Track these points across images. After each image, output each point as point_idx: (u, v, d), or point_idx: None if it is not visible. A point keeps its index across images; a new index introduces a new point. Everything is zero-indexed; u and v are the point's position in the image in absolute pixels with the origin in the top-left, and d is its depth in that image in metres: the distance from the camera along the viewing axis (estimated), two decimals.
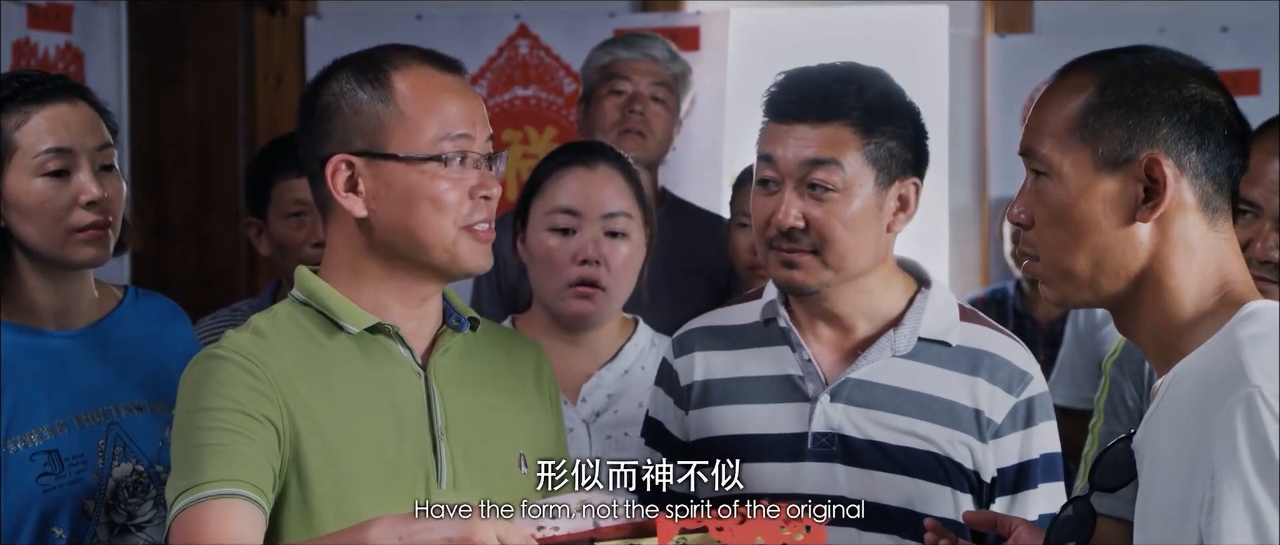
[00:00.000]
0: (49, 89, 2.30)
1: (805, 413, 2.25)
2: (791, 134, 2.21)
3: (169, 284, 3.49)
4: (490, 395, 2.09)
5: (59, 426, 2.30)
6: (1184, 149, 1.75)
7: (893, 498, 2.19)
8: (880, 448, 2.22)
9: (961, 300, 2.38)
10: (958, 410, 2.23)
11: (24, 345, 2.30)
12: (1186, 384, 1.70)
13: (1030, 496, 2.24)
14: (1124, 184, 1.75)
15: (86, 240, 2.30)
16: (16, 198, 2.28)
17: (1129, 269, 1.76)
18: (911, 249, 2.37)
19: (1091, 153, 1.76)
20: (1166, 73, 1.78)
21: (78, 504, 2.30)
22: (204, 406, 1.93)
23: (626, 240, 2.66)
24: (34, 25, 3.96)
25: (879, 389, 2.23)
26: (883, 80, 2.25)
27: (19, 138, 2.27)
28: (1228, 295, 1.75)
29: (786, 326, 2.28)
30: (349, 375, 1.99)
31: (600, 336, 2.69)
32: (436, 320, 2.07)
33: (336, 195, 1.99)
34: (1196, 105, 1.76)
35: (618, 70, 3.66)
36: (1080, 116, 1.78)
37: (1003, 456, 2.24)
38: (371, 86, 1.99)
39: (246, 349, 1.97)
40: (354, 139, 1.99)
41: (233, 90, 4.56)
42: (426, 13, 4.68)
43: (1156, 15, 4.60)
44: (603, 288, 2.63)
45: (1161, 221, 1.74)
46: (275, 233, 3.16)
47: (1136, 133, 1.75)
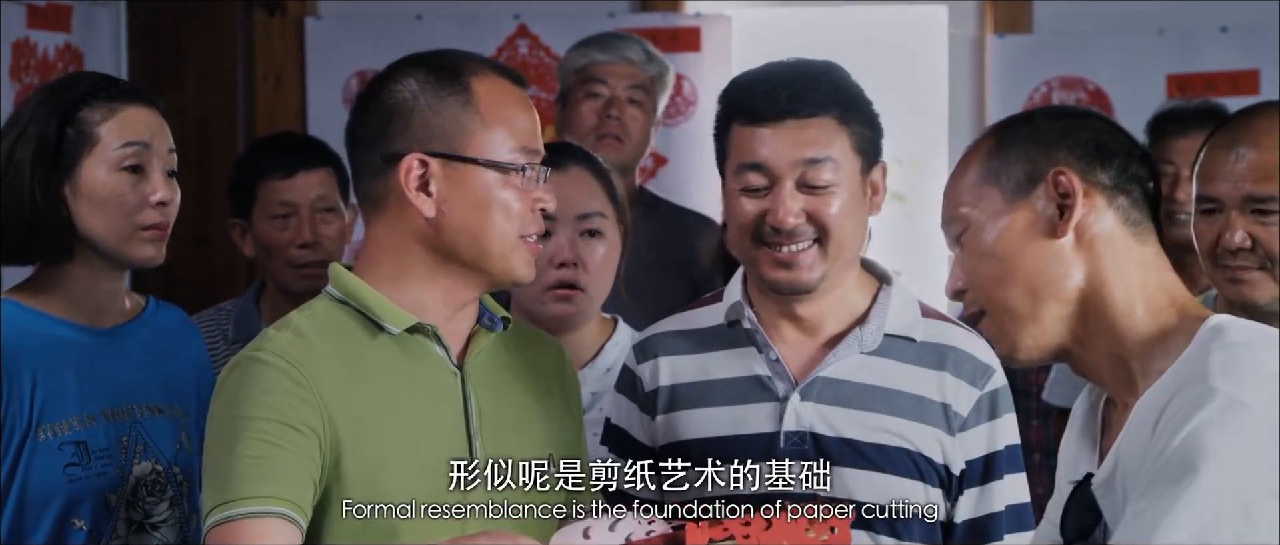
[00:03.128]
0: (130, 90, 2.41)
1: (776, 412, 2.26)
2: (780, 134, 2.22)
3: (169, 284, 3.49)
4: (520, 396, 2.11)
5: (88, 419, 2.35)
6: (1088, 167, 1.80)
7: (866, 494, 2.20)
8: (853, 445, 2.23)
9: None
10: (926, 405, 2.25)
11: (60, 337, 2.36)
12: (1152, 404, 1.69)
13: (996, 488, 2.27)
14: (1037, 205, 1.79)
15: (149, 238, 2.37)
16: (91, 188, 2.34)
17: (1066, 290, 1.78)
18: (910, 248, 2.38)
19: (1000, 191, 1.82)
20: (1057, 112, 1.89)
21: (101, 498, 2.35)
22: (244, 414, 1.92)
23: (602, 239, 2.67)
24: (33, 25, 3.96)
25: (849, 386, 2.25)
26: (843, 71, 2.29)
27: (101, 131, 2.35)
28: (1184, 311, 1.77)
29: (752, 327, 2.29)
30: (389, 376, 1.99)
31: (581, 337, 2.70)
32: (471, 321, 2.09)
33: (408, 193, 1.99)
34: (1090, 130, 1.82)
35: (594, 73, 3.66)
36: (982, 166, 1.84)
37: (970, 449, 2.26)
38: (451, 90, 2.00)
39: (288, 352, 1.95)
40: (431, 139, 1.99)
41: (232, 90, 4.56)
42: (426, 13, 4.68)
43: (1155, 15, 4.60)
44: (581, 288, 2.64)
45: (1084, 236, 1.78)
46: (260, 234, 3.17)
47: (1037, 159, 1.81)
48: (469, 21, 4.68)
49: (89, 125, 2.34)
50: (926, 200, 4.84)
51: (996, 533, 2.26)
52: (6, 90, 3.82)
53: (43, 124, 2.33)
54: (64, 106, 2.34)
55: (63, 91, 2.38)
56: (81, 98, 2.35)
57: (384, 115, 2.02)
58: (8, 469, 2.30)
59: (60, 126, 2.33)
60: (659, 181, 4.55)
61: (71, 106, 2.34)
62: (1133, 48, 4.57)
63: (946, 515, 2.27)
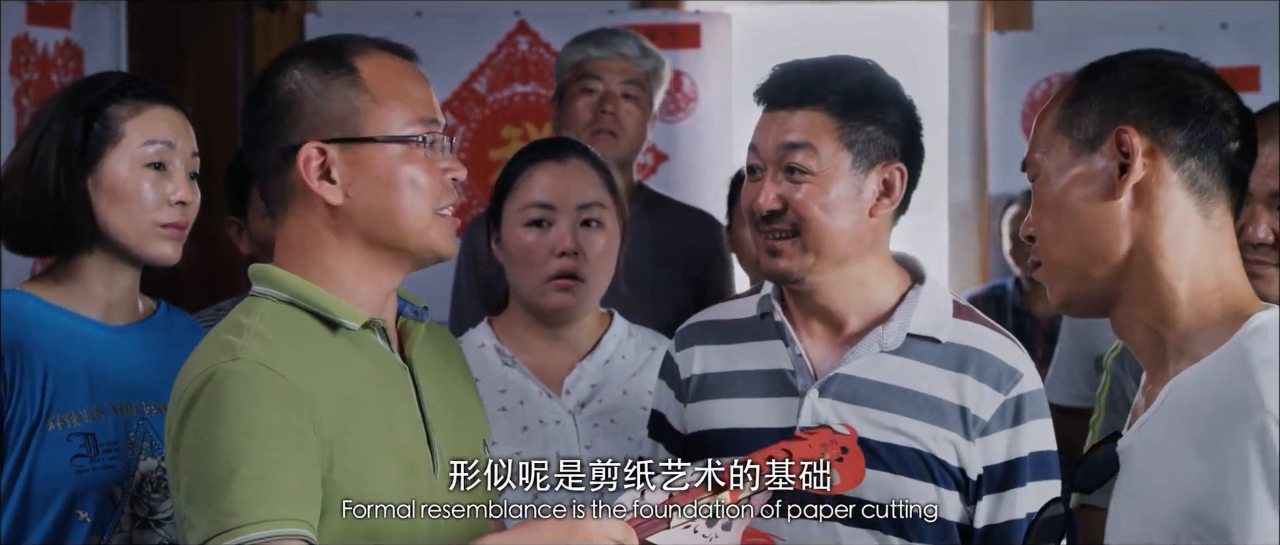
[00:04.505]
0: (158, 91, 2.44)
1: (794, 407, 2.25)
2: (774, 121, 2.25)
3: (170, 283, 3.49)
4: (451, 384, 2.10)
5: (97, 412, 2.37)
6: (1161, 125, 1.74)
7: (877, 494, 2.19)
8: (865, 444, 2.21)
9: (960, 297, 2.38)
10: (943, 407, 2.23)
11: (73, 330, 2.38)
12: (1191, 396, 1.69)
13: (1018, 494, 2.24)
14: (1099, 164, 1.75)
15: (167, 236, 2.40)
16: (113, 183, 2.37)
17: (1115, 251, 1.74)
18: (910, 245, 2.37)
19: (1070, 141, 1.77)
20: (1143, 61, 1.79)
21: (106, 491, 2.36)
22: (235, 429, 1.83)
23: (602, 230, 2.68)
24: (33, 22, 3.96)
25: (866, 384, 2.24)
26: (867, 70, 2.27)
27: (126, 127, 2.38)
28: (1229, 300, 1.74)
29: (780, 321, 2.29)
30: (354, 374, 1.96)
31: (579, 330, 2.71)
32: (394, 311, 2.06)
33: (310, 183, 1.95)
34: (1172, 83, 1.76)
35: (589, 69, 3.66)
36: (1060, 113, 1.80)
37: (990, 454, 2.23)
38: (337, 74, 1.97)
39: (264, 357, 1.88)
40: (325, 126, 1.96)
41: (232, 88, 4.55)
42: (426, 10, 4.68)
43: (1156, 12, 4.60)
44: (582, 279, 2.65)
45: (1143, 199, 1.73)
46: (256, 231, 3.16)
47: (1109, 114, 1.76)
48: (469, 18, 4.68)
49: (115, 121, 2.38)
50: (925, 197, 4.84)
51: (1016, 541, 2.23)
52: (6, 87, 3.82)
53: (69, 118, 2.37)
54: (92, 102, 2.38)
55: (91, 88, 2.42)
56: (109, 94, 2.39)
57: (274, 110, 1.99)
58: (15, 458, 2.32)
59: (87, 121, 2.37)
60: (660, 178, 4.55)
61: (99, 102, 2.38)
62: (1133, 45, 4.47)
63: (967, 520, 2.25)
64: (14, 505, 2.32)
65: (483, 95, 4.68)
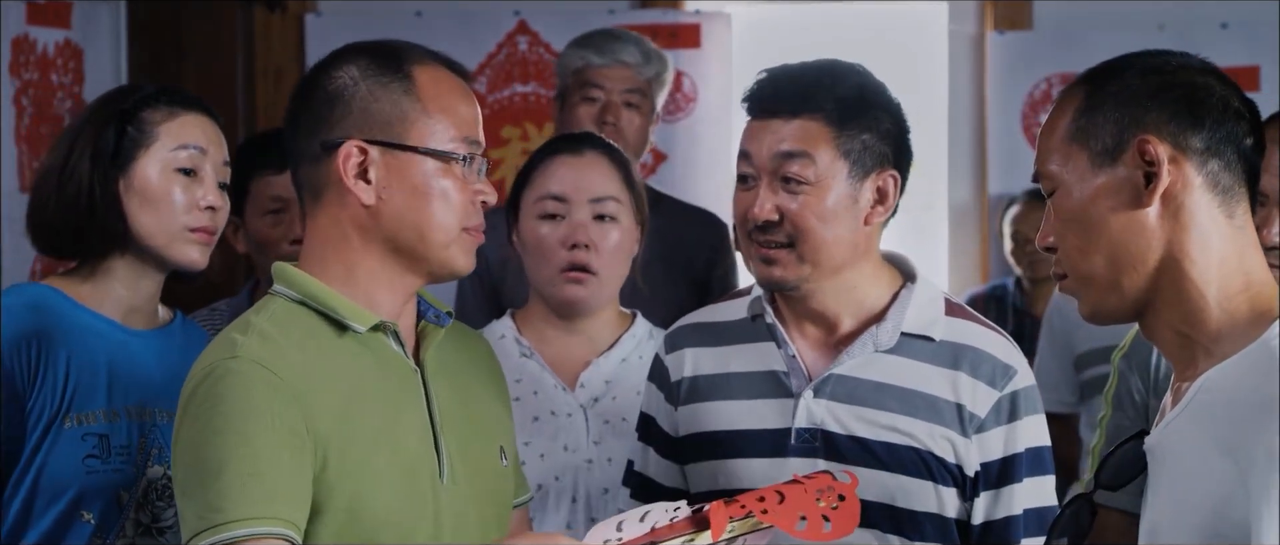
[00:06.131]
0: (192, 100, 2.48)
1: (789, 408, 2.26)
2: (767, 129, 2.24)
3: (171, 281, 3.49)
4: (467, 389, 2.10)
5: (113, 414, 2.38)
6: (1179, 130, 1.74)
7: (875, 493, 2.19)
8: (862, 443, 2.22)
9: (961, 297, 2.38)
10: (939, 405, 2.23)
11: (96, 330, 2.40)
12: (1217, 394, 1.69)
13: (1015, 490, 2.24)
14: (1123, 174, 1.75)
15: (195, 241, 2.42)
16: (144, 184, 2.40)
17: (1146, 261, 1.74)
18: (910, 246, 2.37)
19: (1088, 153, 1.77)
20: (1152, 65, 1.79)
21: (113, 494, 2.37)
22: (229, 427, 1.85)
23: (616, 225, 2.68)
24: (33, 21, 3.96)
25: (861, 384, 2.24)
26: (859, 75, 2.27)
27: (160, 131, 2.41)
28: (1256, 300, 1.74)
29: (772, 323, 2.30)
30: (360, 376, 1.97)
31: (598, 325, 2.72)
32: (414, 315, 2.07)
33: (346, 180, 1.97)
34: (1184, 87, 1.76)
35: (590, 78, 3.65)
36: (1073, 123, 1.79)
37: (987, 451, 2.24)
38: (393, 78, 1.99)
39: (264, 357, 1.89)
40: (371, 126, 1.98)
41: (232, 87, 4.56)
42: (426, 10, 4.68)
43: (1156, 12, 4.60)
44: (594, 272, 2.66)
45: (1170, 205, 1.73)
46: (253, 230, 3.16)
47: (1126, 122, 1.75)
48: (469, 18, 4.68)
49: (149, 125, 2.41)
50: (926, 197, 4.85)
51: (1014, 536, 2.24)
52: (6, 87, 3.81)
53: (103, 122, 2.40)
54: (127, 106, 2.41)
55: (127, 94, 2.47)
56: (145, 100, 2.43)
57: (324, 102, 2.00)
58: (30, 451, 2.33)
59: (120, 124, 2.40)
60: (659, 177, 4.55)
61: (134, 107, 2.41)
62: (1133, 44, 4.46)
63: (965, 516, 2.25)
64: (20, 498, 2.33)
65: (483, 95, 4.67)
